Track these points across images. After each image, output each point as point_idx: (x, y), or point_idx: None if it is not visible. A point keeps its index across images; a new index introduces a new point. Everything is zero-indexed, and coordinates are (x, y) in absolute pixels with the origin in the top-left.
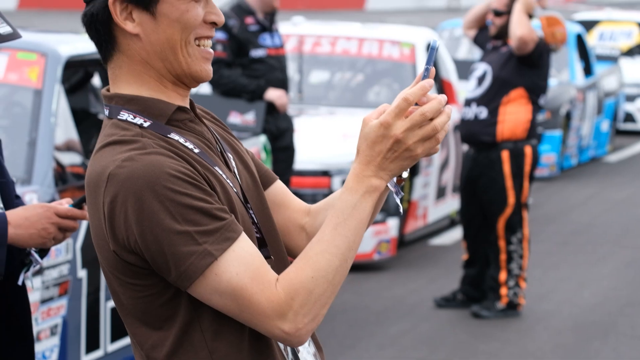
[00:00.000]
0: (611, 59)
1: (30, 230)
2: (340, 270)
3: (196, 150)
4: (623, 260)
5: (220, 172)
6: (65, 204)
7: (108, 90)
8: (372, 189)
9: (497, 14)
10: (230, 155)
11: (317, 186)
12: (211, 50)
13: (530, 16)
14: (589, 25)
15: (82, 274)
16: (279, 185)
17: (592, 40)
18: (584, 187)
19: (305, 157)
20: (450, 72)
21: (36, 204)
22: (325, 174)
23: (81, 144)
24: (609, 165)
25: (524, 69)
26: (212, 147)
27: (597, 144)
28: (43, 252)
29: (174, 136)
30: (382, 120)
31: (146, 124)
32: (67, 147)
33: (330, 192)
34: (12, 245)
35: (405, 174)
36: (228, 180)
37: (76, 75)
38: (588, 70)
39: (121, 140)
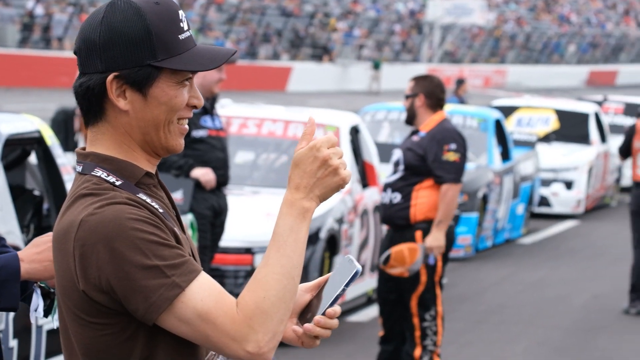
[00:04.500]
0: (528, 145)
1: (45, 262)
2: (289, 287)
3: (161, 210)
4: (536, 339)
5: (179, 233)
6: None
7: (83, 149)
8: (304, 210)
9: (406, 97)
10: (182, 220)
11: (239, 263)
12: (187, 127)
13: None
14: (507, 111)
15: (14, 343)
16: None
17: (510, 125)
18: (498, 268)
19: (228, 235)
20: (372, 155)
21: (43, 235)
22: (248, 251)
23: (17, 219)
24: (523, 247)
25: None
26: (170, 212)
27: (512, 226)
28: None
29: (142, 196)
30: (312, 144)
31: (118, 183)
32: (4, 222)
33: (253, 269)
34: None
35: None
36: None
37: (14, 153)
38: (505, 155)
39: (93, 193)
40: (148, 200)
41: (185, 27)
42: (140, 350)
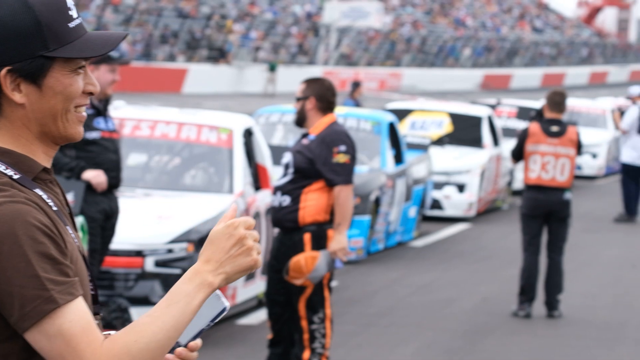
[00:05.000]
0: (421, 148)
1: None
2: (161, 344)
3: (54, 208)
4: (425, 341)
5: (71, 231)
6: None
7: None
8: (207, 283)
9: (297, 99)
10: (74, 219)
11: (129, 266)
12: (85, 114)
13: (330, 108)
14: (401, 114)
15: None
16: None
17: (404, 128)
18: (389, 271)
19: (119, 238)
20: (265, 158)
21: None
22: (139, 254)
23: None
24: (414, 250)
25: None
26: (64, 209)
27: (404, 229)
28: None
29: (39, 192)
30: (230, 222)
31: (16, 177)
32: None
33: (143, 272)
34: None
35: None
36: (76, 240)
37: None
38: (399, 158)
39: None
40: (44, 196)
41: (75, 15)
42: (17, 352)
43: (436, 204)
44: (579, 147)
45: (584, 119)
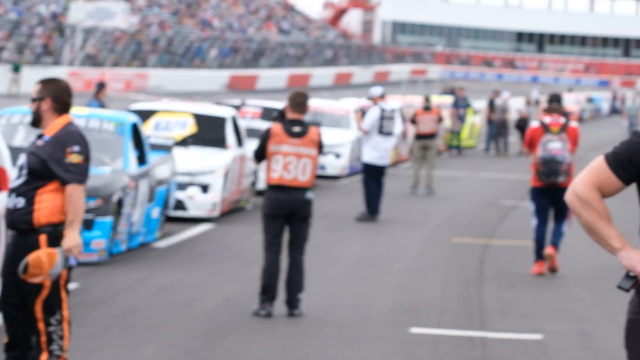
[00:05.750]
0: (165, 148)
1: None
2: None
3: None
4: (165, 342)
5: None
6: None
7: None
8: None
9: (32, 100)
10: None
11: None
12: None
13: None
14: (145, 114)
15: None
16: None
17: (147, 129)
18: (131, 272)
19: None
20: (4, 159)
21: None
22: None
23: None
24: (157, 251)
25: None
26: None
27: (147, 230)
28: None
29: None
30: None
31: None
32: None
33: None
34: None
35: None
36: None
37: None
38: (142, 159)
39: None
40: None
41: None
42: None
43: (180, 205)
44: (320, 147)
45: (327, 120)
